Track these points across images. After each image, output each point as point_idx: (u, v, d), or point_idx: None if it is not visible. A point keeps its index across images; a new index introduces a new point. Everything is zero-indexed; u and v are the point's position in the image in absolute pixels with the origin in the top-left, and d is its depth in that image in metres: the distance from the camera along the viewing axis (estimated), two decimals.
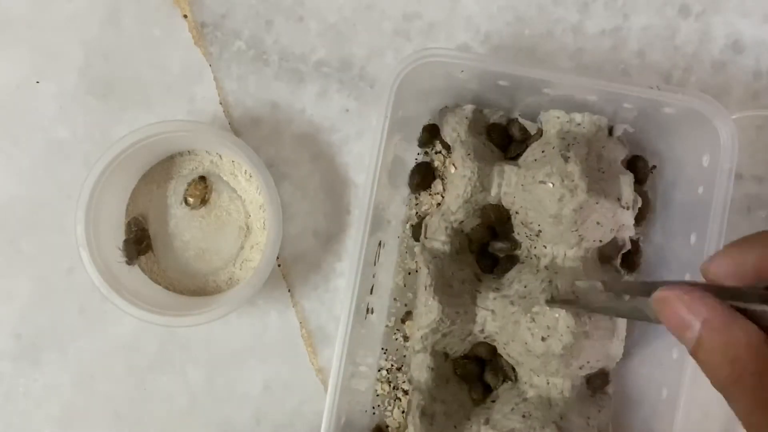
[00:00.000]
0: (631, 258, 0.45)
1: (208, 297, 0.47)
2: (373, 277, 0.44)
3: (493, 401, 0.44)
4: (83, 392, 0.48)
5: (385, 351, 0.46)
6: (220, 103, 0.48)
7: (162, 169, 0.47)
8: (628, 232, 0.44)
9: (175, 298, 0.47)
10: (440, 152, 0.46)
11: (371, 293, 0.44)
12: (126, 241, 0.46)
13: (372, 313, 0.45)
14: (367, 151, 0.40)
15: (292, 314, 0.48)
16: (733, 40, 0.47)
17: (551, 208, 0.40)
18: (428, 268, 0.41)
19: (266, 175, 0.43)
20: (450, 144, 0.44)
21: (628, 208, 0.43)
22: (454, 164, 0.42)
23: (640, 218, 0.45)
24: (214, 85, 0.48)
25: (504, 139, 0.45)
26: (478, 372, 0.44)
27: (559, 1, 0.47)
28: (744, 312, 0.26)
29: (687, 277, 0.41)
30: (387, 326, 0.46)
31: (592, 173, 0.41)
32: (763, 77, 0.47)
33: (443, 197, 0.46)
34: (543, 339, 0.40)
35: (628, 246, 0.45)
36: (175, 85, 0.48)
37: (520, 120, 0.45)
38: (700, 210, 0.40)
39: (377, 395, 0.46)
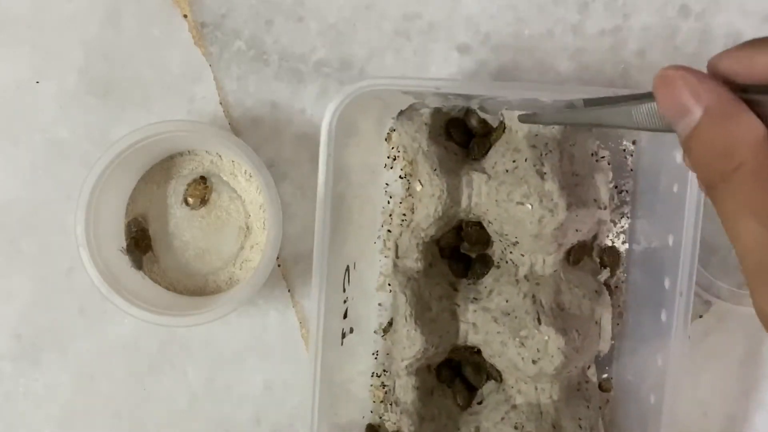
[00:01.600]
0: (610, 255, 0.45)
1: (208, 297, 0.47)
2: (345, 302, 0.43)
3: (479, 402, 0.43)
4: (83, 392, 0.48)
5: (376, 356, 0.46)
6: (220, 103, 0.48)
7: (162, 169, 0.47)
8: (605, 225, 0.43)
9: (175, 298, 0.47)
10: (406, 151, 0.45)
11: (345, 318, 0.43)
12: (128, 247, 0.45)
13: (352, 332, 0.44)
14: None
15: (292, 314, 0.48)
16: (733, 40, 0.47)
17: (531, 229, 0.39)
18: (405, 295, 0.40)
19: (266, 175, 0.43)
20: (411, 155, 0.42)
21: (605, 208, 0.42)
22: (420, 181, 0.41)
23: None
24: (214, 85, 0.48)
25: (464, 135, 0.43)
26: (460, 376, 0.44)
27: (559, 1, 0.47)
28: (753, 106, 0.23)
29: (666, 282, 0.40)
30: (374, 332, 0.46)
31: (567, 180, 0.39)
32: None
33: (412, 211, 0.45)
34: (534, 362, 0.39)
35: (604, 237, 0.44)
36: (175, 85, 0.48)
37: (479, 113, 0.43)
38: (677, 208, 0.39)
39: (373, 402, 0.46)
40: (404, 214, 0.45)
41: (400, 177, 0.46)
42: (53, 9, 0.48)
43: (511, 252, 0.42)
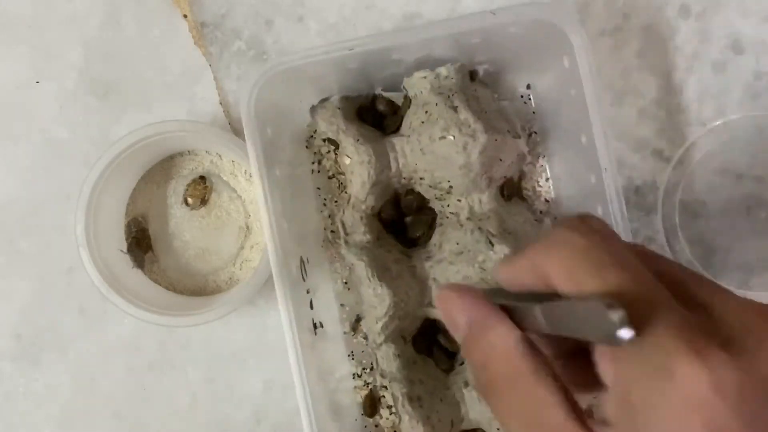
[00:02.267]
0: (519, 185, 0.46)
1: (208, 297, 0.47)
2: (308, 293, 0.44)
3: (462, 364, 0.44)
4: (83, 392, 0.48)
5: (352, 356, 0.46)
6: (220, 103, 0.48)
7: (162, 169, 0.47)
8: (525, 160, 0.45)
9: (175, 298, 0.47)
10: (330, 151, 0.46)
11: (311, 308, 0.44)
12: (129, 247, 0.45)
13: (322, 326, 0.44)
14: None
15: None
16: (733, 40, 0.47)
17: (458, 159, 0.41)
18: (363, 260, 0.41)
19: None
20: (333, 138, 0.43)
21: (519, 137, 0.43)
22: (347, 155, 0.42)
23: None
24: (214, 85, 0.48)
25: (376, 119, 0.45)
26: (436, 344, 0.44)
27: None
28: (512, 312, 0.24)
29: (592, 178, 0.40)
30: (344, 333, 0.46)
31: (479, 115, 0.41)
32: (763, 77, 0.47)
33: (346, 192, 0.45)
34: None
35: (527, 174, 0.46)
36: (175, 85, 0.48)
37: (384, 95, 0.45)
38: (580, 109, 0.40)
39: (360, 403, 0.46)
40: (343, 211, 0.46)
41: (329, 178, 0.46)
42: (53, 9, 0.48)
43: (448, 205, 0.44)
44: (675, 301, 0.21)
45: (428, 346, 0.45)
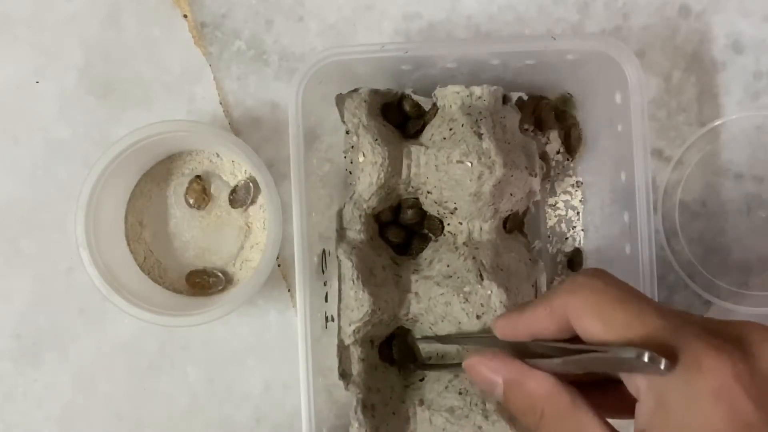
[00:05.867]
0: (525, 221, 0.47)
1: (208, 297, 0.47)
2: (325, 285, 0.44)
3: (422, 380, 0.43)
4: (83, 392, 0.48)
5: None
6: (220, 103, 0.48)
7: (162, 169, 0.47)
8: (534, 197, 0.45)
9: (175, 298, 0.47)
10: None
11: (326, 301, 0.44)
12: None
13: (333, 320, 0.44)
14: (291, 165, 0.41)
15: (292, 314, 0.48)
16: (733, 40, 0.47)
17: (470, 187, 0.41)
18: (351, 261, 0.41)
19: (266, 175, 0.43)
20: (352, 130, 0.43)
21: (536, 176, 0.43)
22: (362, 152, 0.42)
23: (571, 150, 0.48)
24: (214, 85, 0.48)
25: (399, 118, 0.45)
26: (404, 352, 0.44)
27: (559, 1, 0.47)
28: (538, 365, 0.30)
29: (626, 217, 0.41)
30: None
31: (501, 146, 0.41)
32: (763, 77, 0.47)
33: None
34: (478, 317, 0.40)
35: (532, 210, 0.46)
36: (175, 85, 0.48)
37: (413, 96, 0.45)
38: (624, 146, 0.41)
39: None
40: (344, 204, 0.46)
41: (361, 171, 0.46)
42: (53, 9, 0.48)
43: (448, 224, 0.43)
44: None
45: (395, 354, 0.44)
